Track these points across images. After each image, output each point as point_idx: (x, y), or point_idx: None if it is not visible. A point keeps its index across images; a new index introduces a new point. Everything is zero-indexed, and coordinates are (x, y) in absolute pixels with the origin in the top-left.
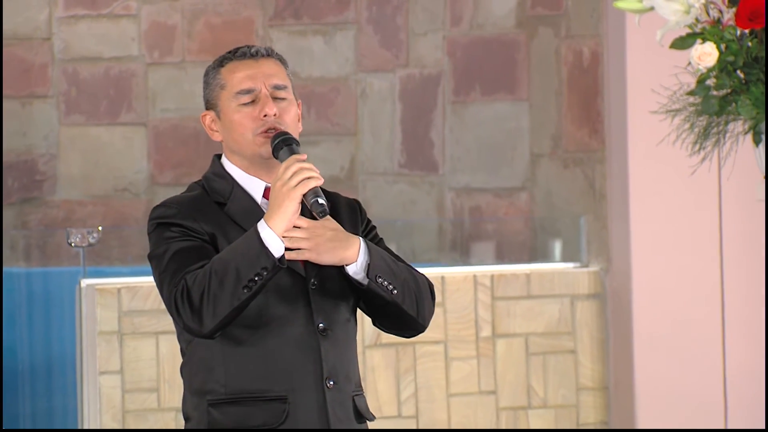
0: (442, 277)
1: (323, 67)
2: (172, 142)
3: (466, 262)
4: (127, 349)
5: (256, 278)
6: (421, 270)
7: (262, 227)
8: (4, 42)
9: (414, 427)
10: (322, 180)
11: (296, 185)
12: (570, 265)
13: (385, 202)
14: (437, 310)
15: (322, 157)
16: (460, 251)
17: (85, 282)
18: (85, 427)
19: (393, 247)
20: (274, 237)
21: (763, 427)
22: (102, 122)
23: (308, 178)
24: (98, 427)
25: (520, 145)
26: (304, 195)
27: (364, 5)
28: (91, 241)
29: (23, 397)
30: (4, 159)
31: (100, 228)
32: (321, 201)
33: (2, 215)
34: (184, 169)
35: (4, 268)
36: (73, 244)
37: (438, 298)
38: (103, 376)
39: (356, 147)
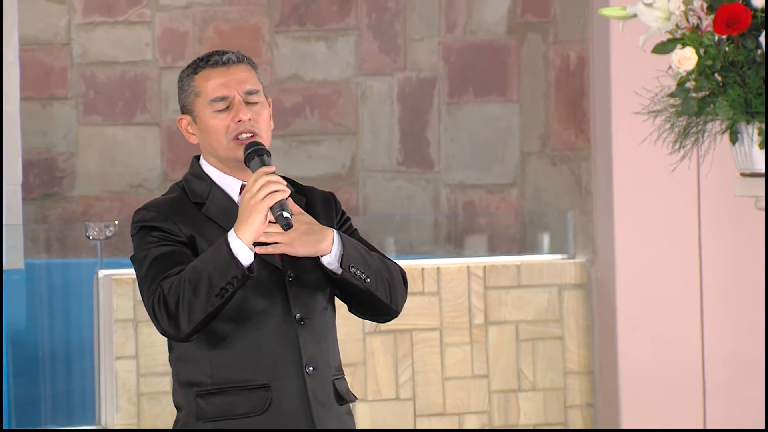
0: (438, 268)
1: (326, 71)
2: (184, 141)
3: (460, 254)
4: (142, 335)
5: (228, 286)
6: (417, 262)
7: (232, 238)
8: (26, 47)
9: (411, 408)
10: (289, 192)
11: (263, 198)
12: (558, 256)
13: (383, 197)
14: (433, 299)
15: (325, 155)
16: (454, 244)
17: (102, 273)
18: (102, 408)
19: (391, 240)
20: (243, 247)
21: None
22: (118, 122)
23: (275, 191)
24: (115, 409)
25: (510, 144)
26: (270, 207)
27: (364, 12)
28: (108, 234)
29: (44, 380)
30: (26, 157)
31: (116, 222)
32: (285, 214)
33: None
34: None
35: (26, 260)
36: (90, 237)
37: (433, 288)
38: (119, 360)
39: (357, 146)
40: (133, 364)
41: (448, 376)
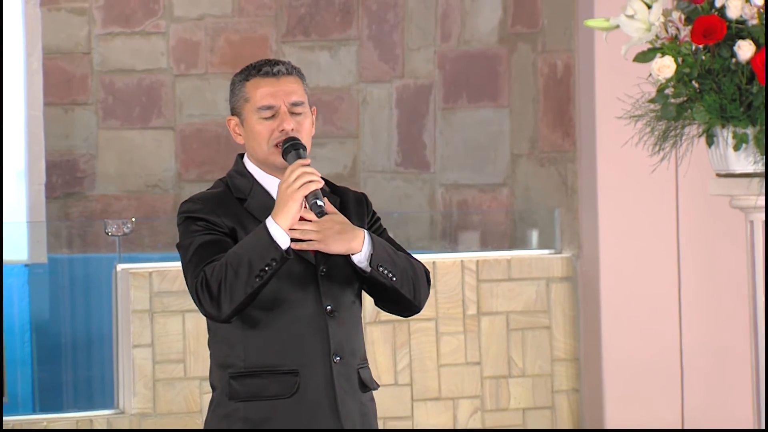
0: (434, 263)
1: (329, 78)
2: (197, 143)
3: (454, 249)
4: (157, 325)
5: (267, 268)
6: (414, 256)
7: (270, 223)
8: (49, 56)
9: (409, 393)
10: (322, 183)
11: (299, 188)
12: (545, 251)
13: (383, 196)
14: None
15: (328, 156)
16: (449, 239)
17: (120, 267)
18: (120, 393)
19: (390, 236)
20: (280, 231)
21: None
22: (135, 126)
23: (309, 181)
24: (132, 394)
25: (501, 147)
26: (305, 196)
27: (365, 24)
28: (126, 230)
29: (66, 367)
30: (49, 159)
31: (133, 219)
32: (319, 203)
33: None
34: (207, 167)
35: (49, 255)
36: (109, 234)
37: None
38: (136, 348)
39: (358, 148)
40: (149, 352)
41: (443, 363)
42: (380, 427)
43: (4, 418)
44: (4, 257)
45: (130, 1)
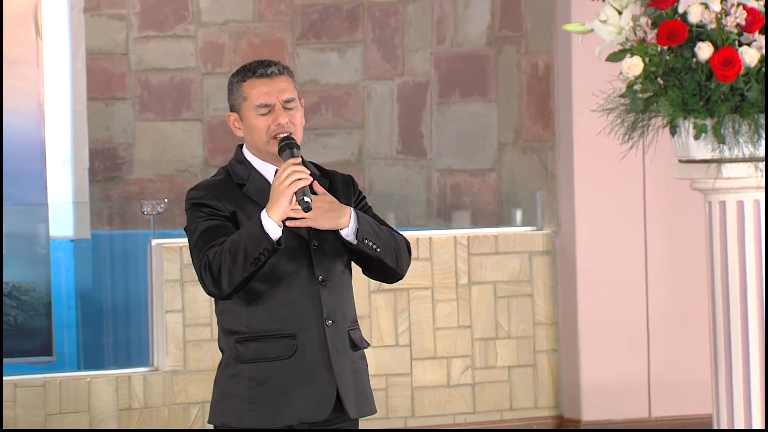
0: (430, 238)
1: (338, 76)
2: (222, 133)
3: (448, 227)
4: (187, 293)
5: (260, 256)
6: (412, 233)
7: (264, 217)
8: (92, 56)
9: (408, 353)
10: (311, 180)
11: (289, 185)
12: (528, 228)
13: (385, 180)
14: (426, 263)
15: (337, 145)
16: (443, 218)
17: (154, 242)
18: (155, 353)
19: (391, 215)
20: (272, 224)
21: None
22: (168, 118)
23: (298, 179)
24: (165, 354)
25: (489, 136)
26: (294, 192)
27: (369, 28)
28: (159, 210)
29: (107, 331)
30: (92, 147)
31: (166, 200)
32: (306, 199)
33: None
34: (231, 154)
35: (92, 231)
36: (145, 213)
37: (426, 254)
38: (168, 314)
39: (363, 137)
40: (180, 316)
41: (438, 327)
42: (378, 381)
43: (53, 374)
44: (53, 233)
45: (163, 8)
